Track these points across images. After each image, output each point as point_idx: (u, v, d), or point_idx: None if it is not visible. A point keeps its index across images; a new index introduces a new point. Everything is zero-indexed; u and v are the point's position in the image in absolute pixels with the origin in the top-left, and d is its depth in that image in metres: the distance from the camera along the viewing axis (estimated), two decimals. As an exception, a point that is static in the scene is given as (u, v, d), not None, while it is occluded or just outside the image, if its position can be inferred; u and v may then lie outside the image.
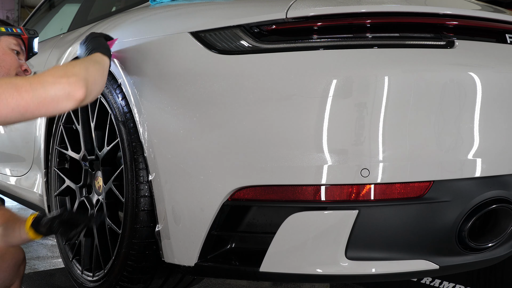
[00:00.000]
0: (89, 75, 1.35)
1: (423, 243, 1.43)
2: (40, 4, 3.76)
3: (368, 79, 1.34)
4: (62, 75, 1.29)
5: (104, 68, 1.51)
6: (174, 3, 1.86)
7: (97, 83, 1.41)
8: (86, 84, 1.31)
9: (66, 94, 1.27)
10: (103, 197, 1.81)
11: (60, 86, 1.27)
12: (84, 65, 1.40)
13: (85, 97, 1.31)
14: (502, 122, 1.44)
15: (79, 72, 1.33)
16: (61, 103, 1.28)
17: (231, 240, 1.50)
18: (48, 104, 1.26)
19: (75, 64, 1.39)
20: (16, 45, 1.70)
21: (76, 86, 1.29)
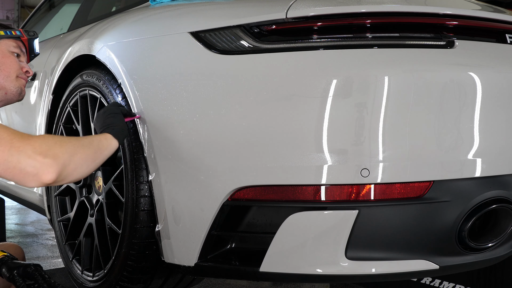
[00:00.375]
0: (71, 162, 1.28)
1: (423, 243, 1.43)
2: (40, 4, 3.76)
3: (368, 79, 1.34)
4: (41, 152, 1.22)
5: (102, 154, 1.43)
6: (174, 3, 1.86)
7: (78, 170, 1.33)
8: (60, 170, 1.25)
9: (34, 173, 1.21)
10: (103, 197, 1.81)
11: (33, 162, 1.20)
12: (74, 148, 1.32)
13: (53, 182, 1.25)
14: (502, 122, 1.44)
15: (62, 155, 1.26)
16: (26, 179, 1.22)
17: (231, 240, 1.50)
18: (15, 174, 1.20)
19: (65, 143, 1.31)
20: (15, 47, 1.69)
21: (48, 169, 1.22)
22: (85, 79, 1.91)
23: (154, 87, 1.57)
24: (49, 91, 2.24)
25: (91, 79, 1.86)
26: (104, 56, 1.77)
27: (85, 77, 1.91)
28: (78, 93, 1.96)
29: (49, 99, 2.23)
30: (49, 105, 2.23)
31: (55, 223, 2.11)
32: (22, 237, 3.52)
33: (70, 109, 2.01)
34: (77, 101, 1.96)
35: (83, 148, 1.36)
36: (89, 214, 1.91)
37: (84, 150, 1.35)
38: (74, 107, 1.99)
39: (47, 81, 2.36)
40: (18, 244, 3.30)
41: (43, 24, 3.57)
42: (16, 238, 3.48)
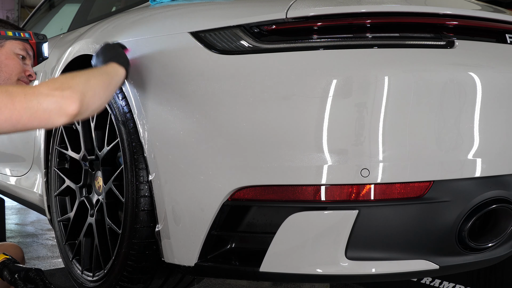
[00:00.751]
0: (88, 88, 1.28)
1: (423, 243, 1.43)
2: (40, 4, 3.76)
3: (368, 79, 1.34)
4: (57, 87, 1.23)
5: (113, 80, 1.44)
6: (174, 3, 1.86)
7: (97, 96, 1.33)
8: (81, 98, 1.24)
9: (58, 108, 1.21)
10: (103, 197, 1.81)
11: (53, 99, 1.21)
12: (86, 77, 1.33)
13: (78, 112, 1.24)
14: (502, 122, 1.45)
15: (76, 85, 1.26)
16: (53, 117, 1.22)
17: (231, 240, 1.50)
18: (40, 117, 1.20)
19: (75, 76, 1.32)
20: (21, 49, 1.65)
21: (69, 100, 1.22)
22: (85, 79, 1.90)
23: (154, 87, 1.57)
24: (49, 91, 2.24)
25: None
26: (104, 56, 1.76)
27: None
28: (78, 93, 1.95)
29: (49, 99, 2.23)
30: (49, 105, 2.23)
31: (55, 223, 2.11)
32: (22, 237, 3.52)
33: (70, 109, 2.01)
34: (77, 101, 1.96)
35: (94, 75, 1.37)
36: (89, 214, 1.91)
37: (95, 77, 1.36)
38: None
39: (47, 81, 2.35)
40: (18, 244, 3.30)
41: (43, 24, 3.57)
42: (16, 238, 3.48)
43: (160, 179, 1.55)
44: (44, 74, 2.50)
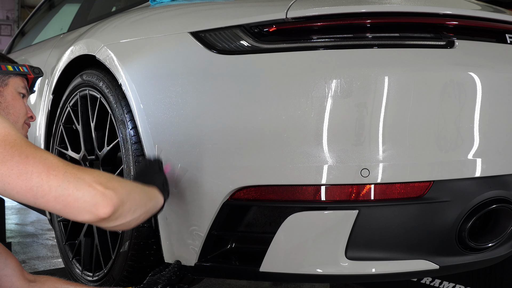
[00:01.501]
0: (128, 199, 1.14)
1: (423, 243, 1.43)
2: (40, 4, 3.76)
3: (368, 79, 1.34)
4: (102, 182, 1.08)
5: (151, 204, 1.30)
6: (174, 3, 1.86)
7: (131, 211, 1.18)
8: (118, 205, 1.10)
9: (92, 204, 1.06)
10: (103, 197, 1.81)
11: (93, 192, 1.06)
12: (130, 188, 1.20)
13: (107, 218, 1.09)
14: (502, 122, 1.44)
15: (120, 190, 1.12)
16: (81, 211, 1.07)
17: (231, 240, 1.50)
18: (69, 204, 1.05)
19: (122, 181, 1.18)
20: (23, 87, 1.53)
21: (107, 201, 1.08)
22: (85, 79, 1.91)
23: (154, 87, 1.57)
24: (49, 91, 2.24)
25: (91, 79, 1.86)
26: (104, 56, 1.77)
27: (85, 77, 1.91)
28: (78, 93, 1.96)
29: (49, 99, 2.23)
30: (49, 105, 2.23)
31: (55, 223, 2.11)
32: (22, 237, 3.52)
33: (70, 109, 2.01)
34: (77, 101, 1.96)
35: (137, 189, 1.24)
36: (89, 214, 1.91)
37: (138, 192, 1.23)
38: (74, 107, 1.99)
39: (47, 81, 2.36)
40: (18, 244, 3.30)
41: (43, 24, 3.57)
42: (16, 238, 3.48)
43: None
44: (44, 74, 2.50)
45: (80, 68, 2.00)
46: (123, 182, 1.18)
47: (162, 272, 1.54)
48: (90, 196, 1.06)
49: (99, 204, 1.07)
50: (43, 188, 1.03)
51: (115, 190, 1.10)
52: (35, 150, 1.07)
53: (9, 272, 1.52)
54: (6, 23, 13.35)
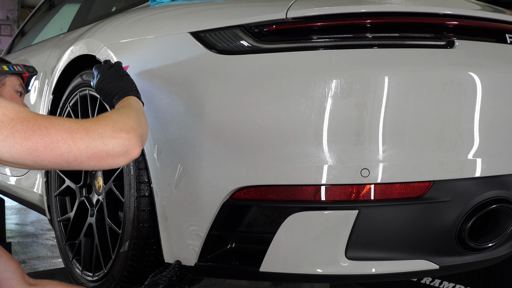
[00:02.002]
0: (142, 130, 1.25)
1: (423, 243, 1.43)
2: (40, 4, 3.76)
3: (368, 79, 1.34)
4: (122, 129, 1.17)
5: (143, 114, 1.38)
6: (174, 3, 1.86)
7: (146, 135, 1.30)
8: (141, 141, 1.21)
9: (124, 151, 1.15)
10: (103, 197, 1.81)
11: (120, 141, 1.15)
12: (137, 118, 1.27)
13: (137, 155, 1.20)
14: (502, 122, 1.45)
15: (137, 128, 1.21)
16: (117, 159, 1.15)
17: (231, 240, 1.50)
18: (103, 158, 1.13)
19: (130, 115, 1.25)
20: (19, 85, 1.54)
21: (135, 143, 1.18)
22: (85, 79, 1.91)
23: (154, 87, 1.57)
24: (49, 91, 2.24)
25: (91, 79, 1.86)
26: (104, 56, 1.77)
27: (85, 77, 1.91)
28: (78, 93, 1.96)
29: (49, 99, 2.23)
30: (49, 105, 2.23)
31: (55, 223, 2.11)
32: (22, 237, 3.52)
33: (70, 109, 2.01)
34: (77, 101, 1.96)
35: (139, 115, 1.32)
36: (89, 214, 1.91)
37: (142, 117, 1.33)
38: (74, 107, 1.99)
39: (47, 81, 2.36)
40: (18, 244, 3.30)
41: (43, 24, 3.57)
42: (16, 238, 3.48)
43: (161, 178, 1.55)
44: (44, 74, 2.51)
45: (80, 68, 2.00)
46: (132, 116, 1.25)
47: (163, 273, 1.55)
48: (119, 146, 1.15)
49: (129, 149, 1.17)
50: (73, 152, 1.10)
51: (134, 130, 1.20)
52: (50, 119, 1.12)
53: (9, 275, 1.53)
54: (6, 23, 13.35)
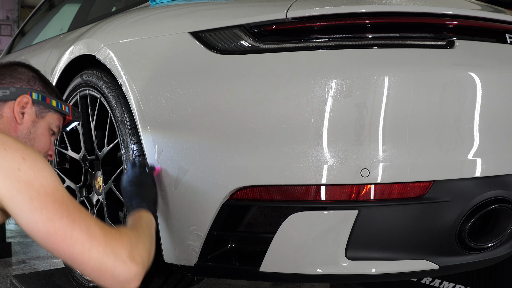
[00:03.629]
0: (149, 259, 1.21)
1: (423, 243, 1.43)
2: (40, 4, 3.76)
3: (368, 79, 1.34)
4: (135, 258, 1.13)
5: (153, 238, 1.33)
6: (174, 3, 1.86)
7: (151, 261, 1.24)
8: (144, 272, 1.16)
9: (127, 281, 1.12)
10: (103, 197, 1.81)
11: (128, 271, 1.11)
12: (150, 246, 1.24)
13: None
14: (502, 122, 1.44)
15: (147, 261, 1.18)
16: (115, 283, 1.11)
17: (231, 240, 1.50)
18: (105, 277, 1.10)
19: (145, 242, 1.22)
20: (56, 126, 1.49)
21: (139, 278, 1.13)
22: (85, 79, 1.91)
23: (154, 87, 1.57)
24: (49, 91, 2.24)
25: (91, 79, 1.86)
26: (104, 56, 1.77)
27: (85, 77, 1.91)
28: (78, 93, 1.96)
29: (49, 99, 2.23)
30: (49, 105, 2.23)
31: (55, 223, 2.10)
32: (22, 237, 3.52)
33: (70, 109, 2.01)
34: (77, 101, 1.96)
35: (151, 238, 1.29)
36: (89, 214, 1.91)
37: (151, 240, 1.28)
38: (74, 107, 1.99)
39: (47, 81, 2.35)
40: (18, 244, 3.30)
41: (43, 24, 3.57)
42: (16, 238, 3.48)
43: (160, 178, 1.55)
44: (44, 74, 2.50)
45: (80, 68, 2.00)
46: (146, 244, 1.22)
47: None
48: (125, 275, 1.11)
49: (131, 281, 1.12)
50: (83, 257, 1.08)
51: (144, 263, 1.15)
52: (80, 212, 1.11)
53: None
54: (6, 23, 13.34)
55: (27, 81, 1.44)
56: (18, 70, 1.44)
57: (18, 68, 1.45)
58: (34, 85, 1.44)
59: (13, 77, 1.42)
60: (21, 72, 1.44)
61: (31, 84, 1.44)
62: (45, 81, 1.49)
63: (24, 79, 1.44)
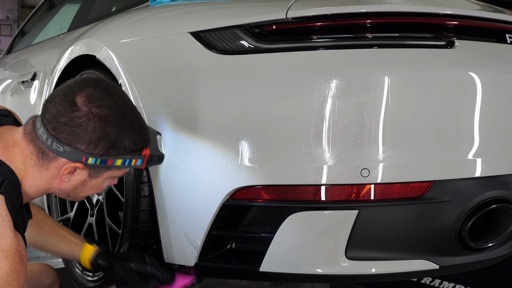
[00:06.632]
0: None
1: (423, 243, 1.43)
2: (40, 4, 3.76)
3: (368, 79, 1.34)
4: None
5: None
6: (174, 3, 1.86)
7: None
8: None
9: None
10: (103, 197, 1.81)
11: None
12: None
13: None
14: (502, 122, 1.45)
15: None
16: None
17: (231, 240, 1.50)
18: None
19: None
20: (118, 176, 1.32)
21: None
22: (85, 79, 1.90)
23: (154, 87, 1.57)
24: (49, 91, 2.24)
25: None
26: (104, 56, 1.76)
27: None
28: (78, 93, 1.95)
29: (49, 99, 2.23)
30: (49, 105, 2.23)
31: (55, 223, 2.11)
32: (22, 237, 3.51)
33: (70, 109, 2.01)
34: (77, 101, 1.96)
35: None
36: (89, 214, 1.91)
37: None
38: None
39: (47, 81, 2.36)
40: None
41: (43, 24, 3.56)
42: (16, 238, 3.47)
43: (161, 178, 1.55)
44: (44, 74, 2.50)
45: (80, 68, 2.00)
46: None
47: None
48: None
49: None
50: None
51: None
52: None
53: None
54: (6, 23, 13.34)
55: (88, 143, 1.18)
56: (86, 124, 1.16)
57: (91, 118, 1.16)
58: (94, 149, 1.19)
59: (73, 132, 1.17)
60: (89, 129, 1.17)
61: (90, 149, 1.19)
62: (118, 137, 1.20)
63: (87, 140, 1.18)
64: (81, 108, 1.17)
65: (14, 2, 13.45)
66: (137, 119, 1.25)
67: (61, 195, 1.31)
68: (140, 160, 1.27)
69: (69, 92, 1.19)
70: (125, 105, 1.23)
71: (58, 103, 1.19)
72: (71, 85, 1.21)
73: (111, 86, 1.24)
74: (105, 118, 1.18)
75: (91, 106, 1.17)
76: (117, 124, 1.19)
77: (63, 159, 1.20)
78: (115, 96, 1.22)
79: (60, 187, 1.26)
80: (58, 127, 1.18)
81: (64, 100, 1.18)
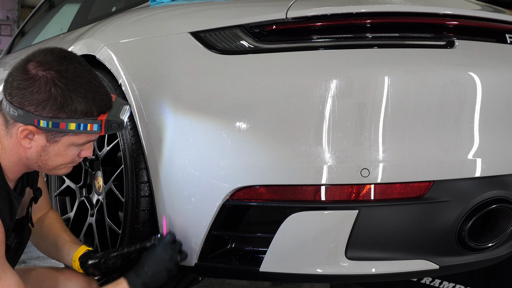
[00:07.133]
0: None
1: (423, 243, 1.43)
2: (40, 4, 3.76)
3: (368, 79, 1.34)
4: None
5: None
6: (174, 3, 1.86)
7: None
8: None
9: None
10: (103, 197, 1.81)
11: None
12: None
13: None
14: (502, 122, 1.45)
15: None
16: None
17: (231, 240, 1.50)
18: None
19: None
20: (83, 142, 1.32)
21: None
22: (85, 79, 1.90)
23: (154, 87, 1.57)
24: (49, 91, 2.24)
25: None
26: (104, 56, 1.76)
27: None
28: (78, 93, 1.95)
29: (49, 99, 2.23)
30: (49, 105, 2.23)
31: (55, 223, 2.10)
32: (22, 237, 3.51)
33: (70, 109, 2.01)
34: (77, 101, 1.96)
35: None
36: (89, 214, 1.91)
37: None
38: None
39: (47, 81, 2.35)
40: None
41: (43, 24, 3.57)
42: (16, 238, 3.47)
43: (160, 178, 1.55)
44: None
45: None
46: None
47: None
48: None
49: None
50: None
51: None
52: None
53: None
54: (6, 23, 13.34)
55: (36, 105, 1.21)
56: (32, 85, 1.20)
57: (37, 80, 1.20)
58: (42, 110, 1.22)
59: (22, 95, 1.21)
60: (35, 90, 1.20)
61: (39, 111, 1.22)
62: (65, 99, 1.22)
63: (34, 102, 1.21)
64: (30, 72, 1.22)
65: (14, 2, 13.45)
66: (92, 84, 1.27)
67: (35, 168, 1.34)
68: (96, 125, 1.28)
69: (25, 60, 1.25)
70: (81, 71, 1.26)
71: (14, 71, 1.25)
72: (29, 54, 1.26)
73: (70, 55, 1.28)
74: (51, 80, 1.21)
75: (39, 69, 1.22)
76: (65, 86, 1.22)
77: (19, 123, 1.25)
78: (71, 63, 1.25)
79: (27, 156, 1.30)
80: (12, 92, 1.24)
81: (19, 67, 1.24)
